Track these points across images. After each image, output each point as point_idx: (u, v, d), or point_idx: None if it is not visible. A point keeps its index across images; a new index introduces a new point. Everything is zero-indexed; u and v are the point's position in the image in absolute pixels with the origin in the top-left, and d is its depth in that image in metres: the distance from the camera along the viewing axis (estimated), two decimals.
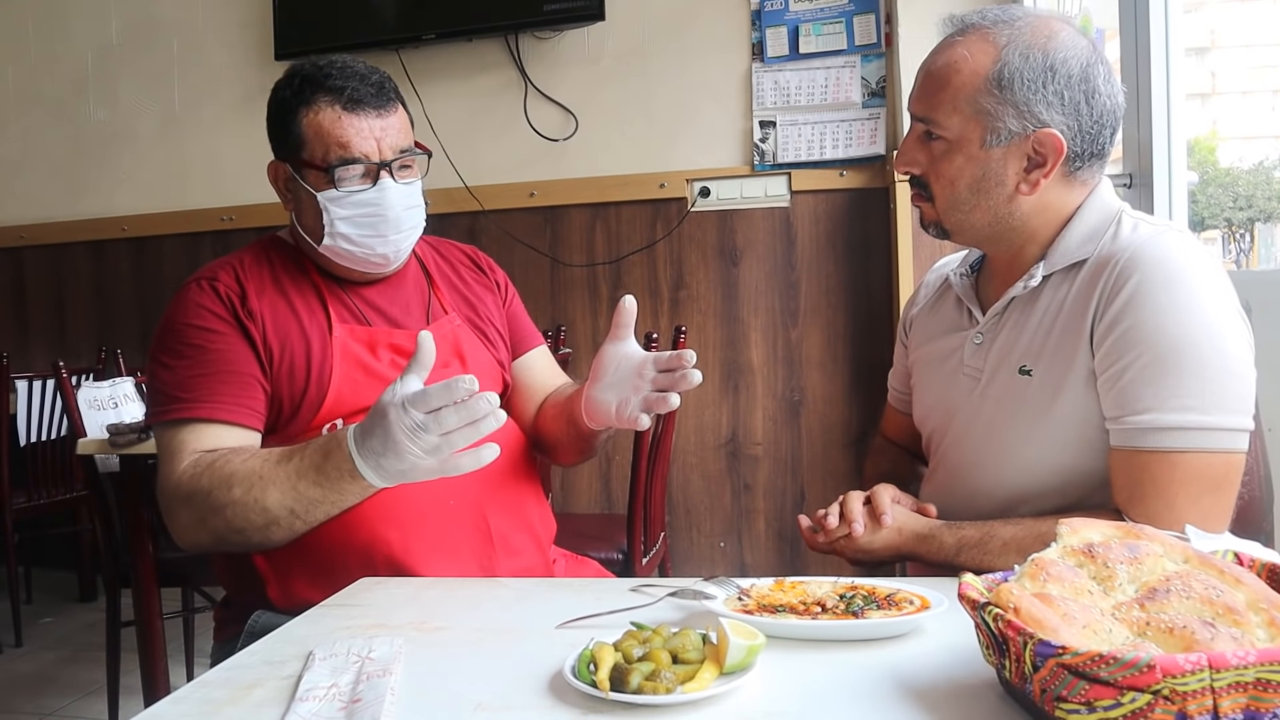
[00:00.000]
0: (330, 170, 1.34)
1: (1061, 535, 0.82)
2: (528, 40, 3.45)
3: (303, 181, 1.37)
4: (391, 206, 1.37)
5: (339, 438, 1.17)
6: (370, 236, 1.37)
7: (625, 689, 0.76)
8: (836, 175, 3.24)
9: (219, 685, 0.87)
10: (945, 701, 0.77)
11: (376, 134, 1.35)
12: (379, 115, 1.36)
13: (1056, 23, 1.18)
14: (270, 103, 1.41)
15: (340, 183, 1.35)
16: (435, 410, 1.09)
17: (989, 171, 1.18)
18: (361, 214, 1.36)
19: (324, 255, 1.41)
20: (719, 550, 3.39)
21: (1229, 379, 1.08)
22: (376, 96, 1.36)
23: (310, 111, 1.35)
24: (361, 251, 1.38)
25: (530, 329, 1.64)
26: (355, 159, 1.34)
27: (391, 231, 1.38)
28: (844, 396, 3.29)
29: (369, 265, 1.42)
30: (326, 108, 1.34)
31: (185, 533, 1.28)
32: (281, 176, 1.42)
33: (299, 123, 1.36)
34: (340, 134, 1.34)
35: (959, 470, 1.30)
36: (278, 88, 1.40)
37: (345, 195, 1.35)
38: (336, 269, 1.43)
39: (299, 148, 1.36)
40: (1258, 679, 0.61)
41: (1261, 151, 5.58)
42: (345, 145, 1.34)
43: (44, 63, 3.97)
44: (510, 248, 3.47)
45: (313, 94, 1.35)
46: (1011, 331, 1.24)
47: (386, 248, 1.39)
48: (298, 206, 1.41)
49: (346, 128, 1.34)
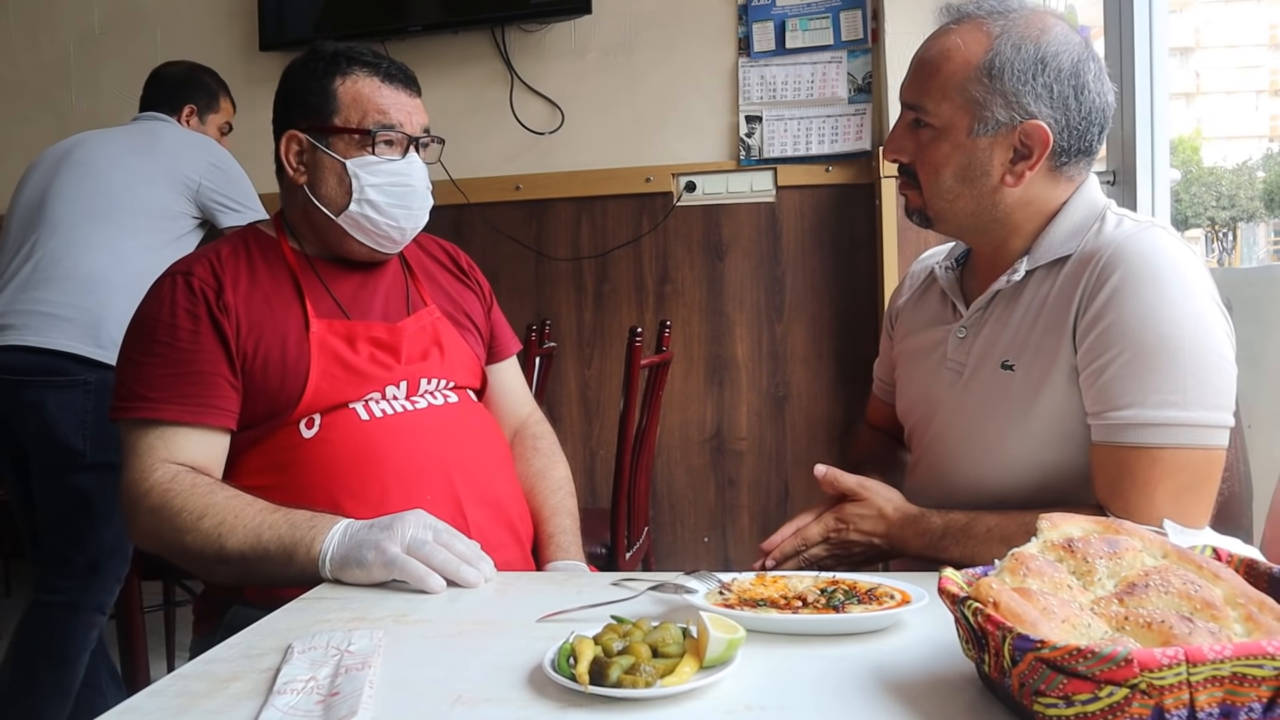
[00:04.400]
0: (371, 134, 1.38)
1: (1041, 530, 0.83)
2: (514, 33, 3.43)
3: (327, 150, 1.39)
4: (418, 179, 1.43)
5: (314, 551, 1.16)
6: (397, 207, 1.41)
7: (605, 682, 0.76)
8: (823, 170, 3.25)
9: (196, 678, 0.87)
10: (925, 695, 0.77)
11: (409, 109, 1.43)
12: (410, 95, 1.44)
13: (1051, 18, 1.19)
14: (293, 74, 1.44)
15: (377, 148, 1.39)
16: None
17: (974, 160, 1.19)
18: (391, 183, 1.40)
19: (335, 230, 1.42)
20: (703, 545, 3.40)
21: (1210, 375, 1.09)
22: (407, 77, 1.44)
23: (348, 80, 1.40)
24: (385, 222, 1.41)
25: (510, 335, 1.68)
26: (393, 125, 1.40)
27: (416, 204, 1.43)
28: (829, 392, 3.30)
29: (385, 241, 1.44)
30: (365, 78, 1.40)
31: (140, 536, 1.30)
32: (295, 148, 1.42)
33: (333, 90, 1.40)
34: (381, 101, 1.40)
35: (941, 464, 1.30)
36: (304, 61, 1.43)
37: (379, 162, 1.39)
38: (346, 245, 1.43)
39: (330, 113, 1.39)
40: (1234, 673, 0.61)
41: (1244, 151, 5.63)
42: (384, 112, 1.40)
43: (25, 51, 3.93)
44: (495, 241, 3.46)
45: (349, 65, 1.41)
46: (995, 326, 1.24)
47: (409, 221, 1.43)
48: (315, 176, 1.41)
49: (387, 96, 1.41)
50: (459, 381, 1.48)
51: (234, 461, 1.35)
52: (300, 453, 1.33)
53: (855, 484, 1.28)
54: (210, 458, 1.32)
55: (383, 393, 1.38)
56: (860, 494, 1.26)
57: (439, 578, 1.09)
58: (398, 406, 1.38)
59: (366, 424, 1.34)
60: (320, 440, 1.33)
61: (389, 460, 1.32)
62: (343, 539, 1.15)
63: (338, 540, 1.15)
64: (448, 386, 1.46)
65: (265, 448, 1.35)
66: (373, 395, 1.37)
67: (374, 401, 1.37)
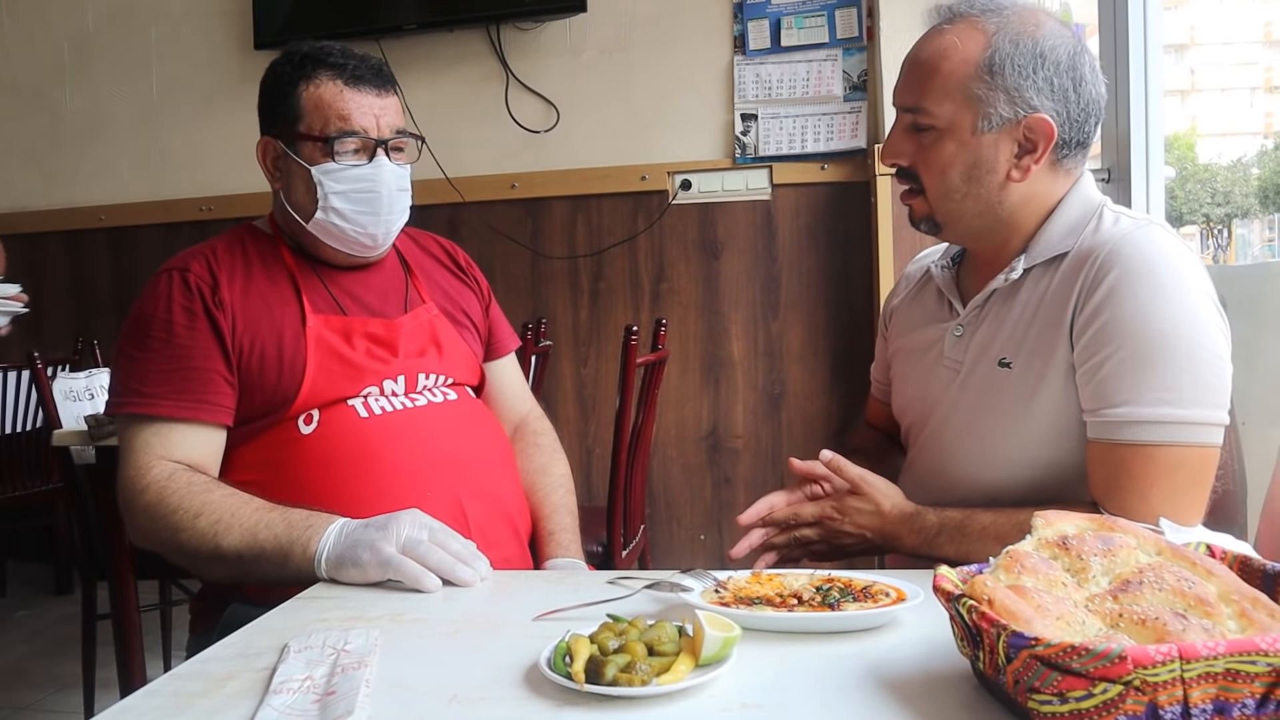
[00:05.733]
0: (330, 142, 1.36)
1: (1036, 527, 0.83)
2: (509, 31, 3.43)
3: (295, 156, 1.39)
4: (385, 184, 1.39)
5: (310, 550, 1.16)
6: (363, 213, 1.39)
7: (601, 681, 0.76)
8: (818, 169, 3.25)
9: (193, 677, 0.87)
10: (920, 693, 0.77)
11: (376, 111, 1.39)
12: (378, 94, 1.40)
13: (1042, 13, 1.20)
14: (266, 79, 1.42)
15: (338, 155, 1.37)
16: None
17: (981, 158, 1.19)
18: (356, 189, 1.38)
19: (310, 236, 1.41)
20: (699, 543, 3.40)
21: (1206, 373, 1.09)
22: (376, 76, 1.40)
23: (311, 85, 1.38)
24: (353, 229, 1.40)
25: (508, 332, 1.67)
26: (355, 132, 1.37)
27: (384, 210, 1.40)
28: (824, 390, 3.30)
29: (357, 246, 1.43)
30: (328, 82, 1.37)
31: (136, 533, 1.31)
32: (271, 154, 1.42)
33: (298, 96, 1.38)
34: (341, 107, 1.37)
35: (937, 462, 1.31)
36: (275, 64, 1.42)
37: (341, 169, 1.37)
38: (322, 250, 1.43)
39: (295, 121, 1.38)
40: (1227, 669, 0.61)
41: (1240, 148, 5.64)
42: (346, 118, 1.37)
43: (20, 50, 3.92)
44: (491, 240, 3.46)
45: (314, 69, 1.38)
46: (992, 324, 1.24)
47: (378, 227, 1.41)
48: (287, 183, 1.41)
49: (348, 101, 1.37)
50: (457, 378, 1.48)
51: (228, 457, 1.35)
52: (298, 449, 1.33)
53: (858, 476, 1.25)
54: (206, 454, 1.32)
55: (381, 388, 1.38)
56: (862, 487, 1.25)
57: (434, 577, 1.09)
58: (397, 404, 1.38)
59: (365, 421, 1.34)
60: (319, 437, 1.33)
61: (388, 458, 1.32)
62: (338, 539, 1.15)
63: (333, 540, 1.15)
64: (446, 383, 1.46)
65: (261, 443, 1.34)
66: (371, 391, 1.37)
67: (373, 399, 1.37)
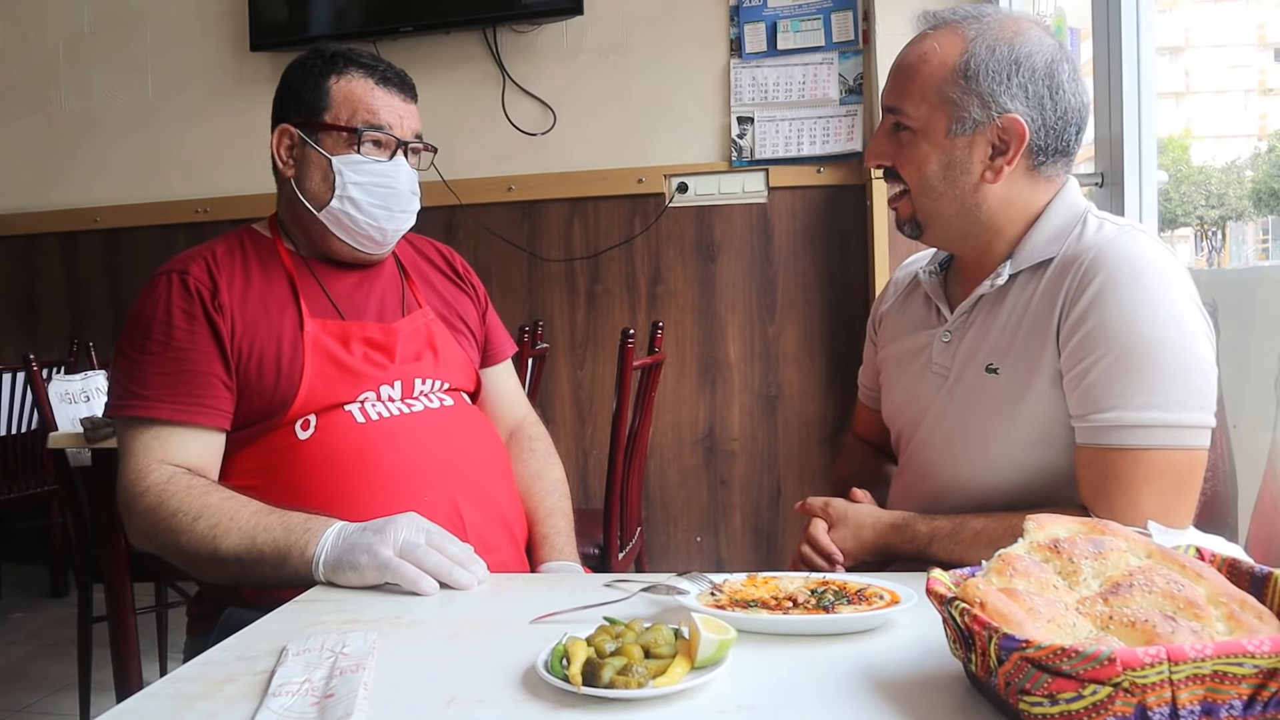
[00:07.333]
0: (357, 133, 1.40)
1: (1028, 531, 0.83)
2: (506, 34, 3.44)
3: (315, 145, 1.41)
4: (402, 183, 1.43)
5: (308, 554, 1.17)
6: (378, 207, 1.42)
7: (597, 683, 0.77)
8: (814, 171, 3.26)
9: (191, 680, 0.87)
10: (913, 694, 0.78)
11: (401, 113, 1.44)
12: (404, 99, 1.45)
13: (1025, 22, 1.22)
14: (291, 71, 1.46)
15: (362, 148, 1.41)
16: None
17: (954, 159, 1.21)
18: (374, 182, 1.41)
19: (319, 228, 1.43)
20: (695, 545, 3.41)
21: (1192, 377, 1.10)
22: (403, 83, 1.46)
23: (343, 79, 1.42)
24: (366, 220, 1.42)
25: (505, 338, 1.68)
26: (381, 126, 1.41)
27: (398, 208, 1.44)
28: (820, 392, 3.31)
29: (365, 240, 1.44)
30: (360, 78, 1.42)
31: (135, 536, 1.32)
32: (286, 141, 1.44)
33: (328, 86, 1.42)
34: (371, 102, 1.42)
35: (927, 468, 1.32)
36: (303, 58, 1.46)
37: (364, 161, 1.41)
38: (328, 243, 1.44)
39: (321, 110, 1.41)
40: (1215, 671, 0.62)
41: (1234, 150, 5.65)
42: (374, 113, 1.41)
43: (14, 50, 3.92)
44: (488, 242, 3.47)
45: (346, 65, 1.43)
46: (979, 330, 1.25)
47: (390, 223, 1.44)
48: (302, 170, 1.43)
49: (378, 98, 1.42)
50: (453, 384, 1.48)
51: (226, 461, 1.36)
52: (296, 454, 1.33)
53: (820, 507, 1.32)
54: (205, 458, 1.33)
55: (377, 393, 1.38)
56: (831, 516, 1.30)
57: (431, 580, 1.10)
58: (394, 409, 1.38)
59: (363, 426, 1.35)
60: (316, 442, 1.33)
61: (385, 463, 1.33)
62: (336, 542, 1.16)
63: (330, 544, 1.16)
64: (442, 389, 1.46)
65: (259, 448, 1.35)
66: (368, 396, 1.38)
67: (370, 404, 1.37)
